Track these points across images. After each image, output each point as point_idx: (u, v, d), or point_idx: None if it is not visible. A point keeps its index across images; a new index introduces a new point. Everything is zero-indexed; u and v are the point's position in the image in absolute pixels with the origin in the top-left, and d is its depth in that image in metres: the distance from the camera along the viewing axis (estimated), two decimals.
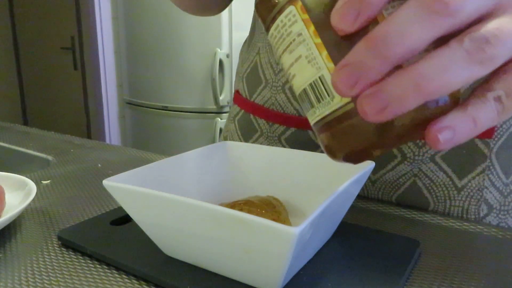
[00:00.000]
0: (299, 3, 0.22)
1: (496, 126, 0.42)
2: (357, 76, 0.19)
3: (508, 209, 0.45)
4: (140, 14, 2.22)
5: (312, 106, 0.23)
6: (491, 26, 0.19)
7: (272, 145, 0.53)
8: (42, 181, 0.54)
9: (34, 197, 0.47)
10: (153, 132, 2.33)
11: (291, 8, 0.22)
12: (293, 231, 0.23)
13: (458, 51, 0.18)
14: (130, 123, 2.49)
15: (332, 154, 0.24)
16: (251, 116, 0.56)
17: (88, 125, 2.94)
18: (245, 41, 0.62)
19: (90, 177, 0.56)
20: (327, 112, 0.22)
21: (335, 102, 0.22)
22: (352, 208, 0.46)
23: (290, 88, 0.51)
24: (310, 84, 0.23)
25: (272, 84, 0.53)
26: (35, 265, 0.34)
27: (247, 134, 0.57)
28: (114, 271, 0.33)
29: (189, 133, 2.21)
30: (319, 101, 0.23)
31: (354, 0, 0.19)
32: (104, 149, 0.71)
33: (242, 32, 2.05)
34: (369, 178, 0.49)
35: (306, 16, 0.22)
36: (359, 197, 0.50)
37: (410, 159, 0.45)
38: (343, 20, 0.20)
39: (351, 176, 0.32)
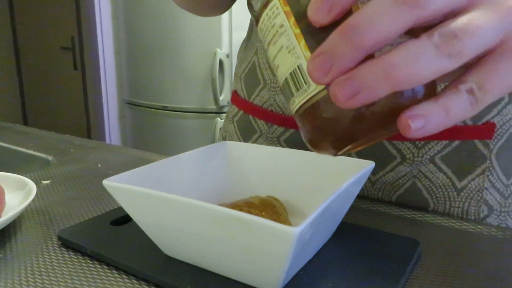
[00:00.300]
0: None
1: (495, 127, 0.42)
2: (330, 63, 0.20)
3: (509, 211, 0.45)
4: (140, 14, 2.22)
5: (292, 95, 0.24)
6: (460, 21, 0.19)
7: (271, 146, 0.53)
8: (42, 181, 0.54)
9: (34, 197, 0.47)
10: (153, 132, 2.33)
11: (275, 1, 0.24)
12: (293, 231, 0.23)
13: (427, 44, 0.19)
14: (130, 123, 2.49)
15: (311, 142, 0.25)
16: (250, 117, 0.56)
17: (88, 125, 2.94)
18: (243, 41, 0.62)
19: (90, 177, 0.56)
20: (304, 100, 0.23)
21: (311, 90, 0.23)
22: (352, 208, 0.46)
23: None
24: (290, 74, 0.24)
25: (271, 85, 0.53)
26: (35, 265, 0.34)
27: (246, 135, 0.57)
28: (114, 271, 0.33)
29: (189, 133, 2.21)
30: (297, 90, 0.24)
31: None
32: (104, 149, 0.71)
33: (242, 32, 2.05)
34: (369, 179, 0.49)
35: (287, 8, 0.23)
36: (359, 197, 0.50)
37: (410, 160, 0.45)
38: (317, 12, 0.21)
39: (351, 176, 0.32)
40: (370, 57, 0.20)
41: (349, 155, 0.47)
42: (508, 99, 0.42)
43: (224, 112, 2.13)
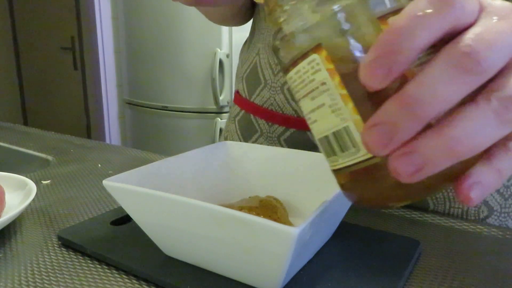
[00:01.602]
0: (324, 53, 0.22)
1: None
2: (390, 136, 0.19)
3: (509, 212, 0.45)
4: (140, 14, 2.22)
5: (335, 154, 0.23)
6: None
7: (272, 146, 0.53)
8: (42, 181, 0.54)
9: (34, 197, 0.47)
10: (153, 132, 2.33)
11: (314, 56, 0.22)
12: (293, 231, 0.23)
13: (487, 112, 0.18)
14: (130, 123, 2.49)
15: (352, 199, 0.24)
16: (252, 116, 0.56)
17: (88, 125, 2.93)
18: (245, 41, 0.62)
19: (90, 177, 0.56)
20: (351, 163, 0.22)
21: (361, 154, 0.22)
22: (352, 208, 0.46)
23: (289, 89, 0.51)
24: (333, 133, 0.23)
25: (271, 85, 0.53)
26: (35, 265, 0.34)
27: (247, 134, 0.57)
28: (114, 271, 0.33)
29: (189, 133, 2.21)
30: (342, 151, 0.23)
31: (382, 57, 0.19)
32: (104, 149, 0.71)
33: (242, 32, 2.05)
34: None
35: (331, 66, 0.21)
36: None
37: None
38: (372, 77, 0.19)
39: None
40: (427, 125, 0.19)
41: None
42: None
43: (224, 112, 2.13)
